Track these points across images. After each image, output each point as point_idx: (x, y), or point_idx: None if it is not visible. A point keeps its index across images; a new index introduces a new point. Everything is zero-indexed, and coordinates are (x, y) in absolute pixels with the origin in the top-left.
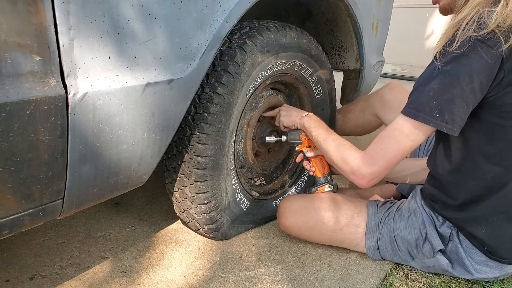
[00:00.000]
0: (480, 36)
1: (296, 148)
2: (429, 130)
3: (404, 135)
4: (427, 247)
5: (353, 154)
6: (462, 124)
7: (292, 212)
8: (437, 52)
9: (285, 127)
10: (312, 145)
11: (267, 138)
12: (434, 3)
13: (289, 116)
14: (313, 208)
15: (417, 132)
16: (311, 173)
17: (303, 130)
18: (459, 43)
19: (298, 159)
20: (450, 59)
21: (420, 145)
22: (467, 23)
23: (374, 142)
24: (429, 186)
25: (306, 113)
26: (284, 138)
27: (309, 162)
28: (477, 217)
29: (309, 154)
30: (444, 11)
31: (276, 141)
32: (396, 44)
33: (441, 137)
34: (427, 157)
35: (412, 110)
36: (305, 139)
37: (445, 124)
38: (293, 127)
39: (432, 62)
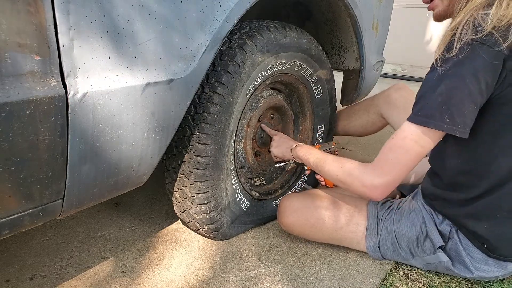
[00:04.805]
0: (479, 38)
1: (305, 168)
2: (438, 136)
3: (414, 142)
4: (427, 244)
5: (360, 167)
6: (471, 126)
7: (293, 210)
8: (437, 59)
9: (276, 157)
10: None
11: (276, 165)
12: (429, 9)
13: (279, 147)
14: (314, 207)
15: (427, 138)
16: (323, 183)
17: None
18: (458, 48)
19: (307, 172)
20: (452, 64)
21: None
22: (463, 28)
23: (383, 152)
24: (429, 185)
25: (296, 143)
26: (291, 161)
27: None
28: (479, 214)
29: None
30: (440, 18)
31: (285, 165)
32: (396, 44)
33: (448, 138)
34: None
35: (421, 117)
36: None
37: (457, 128)
38: (284, 159)
39: (432, 69)
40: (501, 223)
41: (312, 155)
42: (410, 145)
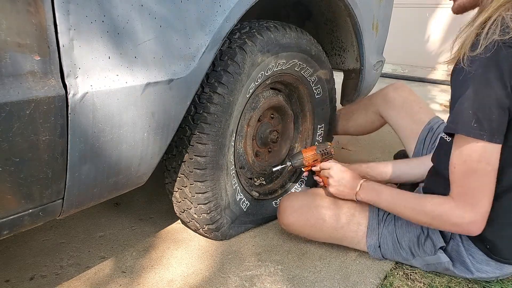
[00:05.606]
0: (506, 40)
1: (303, 169)
2: (489, 145)
3: (477, 162)
4: (428, 245)
5: (445, 206)
6: (503, 132)
7: (293, 210)
8: (463, 58)
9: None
10: (316, 163)
11: (274, 169)
12: None
13: (340, 187)
14: (314, 206)
15: (487, 153)
16: (321, 184)
17: (304, 153)
18: (483, 47)
19: (305, 174)
20: (478, 65)
21: (423, 144)
22: (490, 26)
23: (458, 183)
24: (431, 185)
25: (360, 182)
26: (289, 163)
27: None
28: None
29: (315, 168)
30: (461, 10)
31: (283, 168)
32: (396, 44)
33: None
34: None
35: (451, 124)
36: (308, 163)
37: (484, 133)
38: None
39: (460, 70)
40: (506, 227)
41: (381, 201)
42: (478, 167)
